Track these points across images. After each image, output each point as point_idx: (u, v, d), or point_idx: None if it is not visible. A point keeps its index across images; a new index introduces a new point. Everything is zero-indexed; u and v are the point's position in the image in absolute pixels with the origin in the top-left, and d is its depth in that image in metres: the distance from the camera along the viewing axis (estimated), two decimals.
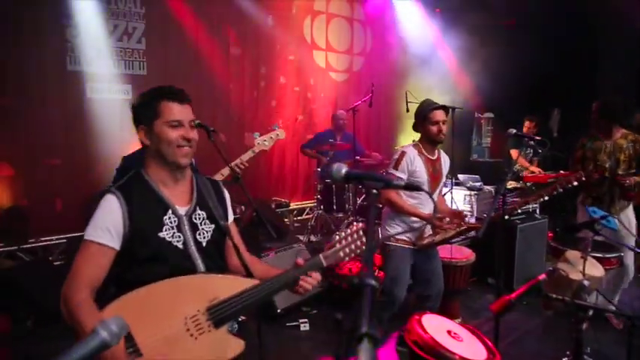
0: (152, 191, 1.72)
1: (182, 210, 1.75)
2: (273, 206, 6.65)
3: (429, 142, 3.29)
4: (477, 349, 2.18)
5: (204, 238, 1.78)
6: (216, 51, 6.37)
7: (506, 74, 7.86)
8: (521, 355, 3.67)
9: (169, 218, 1.71)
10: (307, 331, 3.98)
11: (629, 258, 3.95)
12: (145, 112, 1.73)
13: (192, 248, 1.74)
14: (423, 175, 3.21)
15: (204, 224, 1.79)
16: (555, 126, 8.65)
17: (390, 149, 7.62)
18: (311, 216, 6.48)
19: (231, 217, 1.94)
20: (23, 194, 4.85)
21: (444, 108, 3.28)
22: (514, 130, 3.32)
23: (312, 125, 7.78)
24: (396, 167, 3.20)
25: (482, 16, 7.76)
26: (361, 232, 1.83)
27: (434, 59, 9.29)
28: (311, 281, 1.79)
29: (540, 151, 6.21)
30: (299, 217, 7.42)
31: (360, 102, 5.92)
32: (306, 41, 7.73)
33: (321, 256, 1.82)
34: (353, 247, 1.83)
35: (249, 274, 1.82)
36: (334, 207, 5.97)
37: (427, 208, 3.27)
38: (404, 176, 3.16)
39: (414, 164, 3.19)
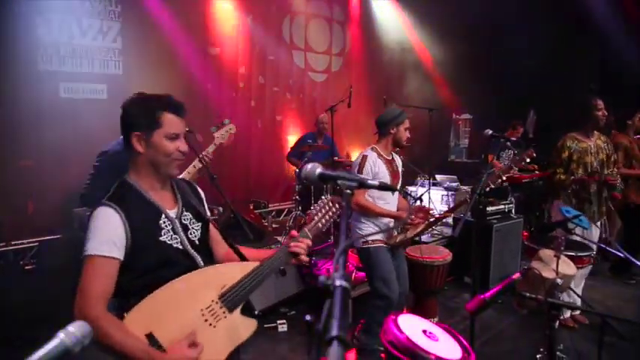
0: (143, 198, 1.74)
1: (172, 213, 1.79)
2: (251, 207, 6.61)
3: (395, 146, 3.48)
4: (453, 349, 2.19)
5: (195, 236, 1.83)
6: (194, 51, 6.30)
7: (484, 76, 7.98)
8: (496, 353, 3.72)
9: (164, 222, 1.75)
10: (285, 332, 3.96)
11: None
12: (143, 120, 1.71)
13: (189, 247, 1.79)
14: (386, 176, 3.37)
15: (193, 224, 1.85)
16: (531, 127, 8.81)
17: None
18: (289, 217, 6.45)
19: (208, 213, 1.98)
20: None
21: (429, 110, 3.42)
22: (490, 131, 3.38)
23: (291, 126, 7.77)
24: (360, 171, 3.32)
25: (459, 19, 7.86)
26: (331, 203, 2.02)
27: (412, 61, 9.38)
28: (302, 245, 1.90)
29: (516, 152, 6.32)
30: (277, 218, 7.39)
31: (338, 103, 5.93)
32: (285, 41, 7.71)
33: (306, 229, 1.99)
34: (327, 216, 2.03)
35: (241, 257, 1.94)
36: (312, 208, 5.96)
37: (391, 208, 3.44)
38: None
39: (376, 166, 3.35)
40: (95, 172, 3.09)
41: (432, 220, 3.40)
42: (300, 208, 6.12)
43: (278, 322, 4.01)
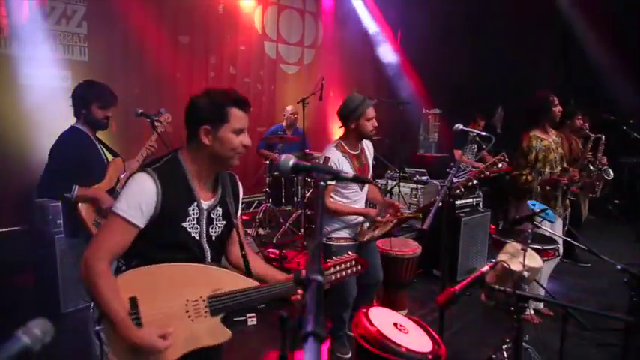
0: (185, 181, 1.79)
1: (205, 205, 1.84)
2: None
3: (359, 138, 3.25)
4: (423, 341, 2.21)
5: (214, 232, 1.89)
6: (163, 39, 6.16)
7: (453, 72, 8.09)
8: (464, 344, 3.78)
9: (193, 210, 1.80)
10: (255, 325, 3.93)
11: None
12: (212, 114, 1.77)
13: (204, 240, 1.85)
14: (350, 175, 3.19)
15: (218, 220, 1.91)
16: (499, 123, 8.97)
17: None
18: (259, 209, 6.41)
19: (239, 212, 2.04)
20: None
21: (399, 104, 3.32)
22: (460, 126, 3.40)
23: (262, 117, 7.70)
24: None
25: (430, 15, 7.93)
26: (354, 262, 2.02)
27: (384, 55, 9.43)
28: (300, 298, 1.85)
29: (485, 147, 6.43)
30: (247, 211, 7.33)
31: (309, 95, 5.90)
32: (257, 32, 7.62)
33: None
34: (344, 273, 2.00)
35: (247, 270, 1.97)
36: (282, 200, 5.94)
37: (358, 204, 3.31)
38: (332, 183, 3.10)
39: (340, 165, 3.13)
40: (52, 162, 2.99)
41: (401, 217, 3.27)
42: (270, 200, 6.08)
43: (247, 315, 3.97)
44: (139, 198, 1.69)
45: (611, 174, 5.09)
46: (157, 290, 1.70)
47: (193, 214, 1.80)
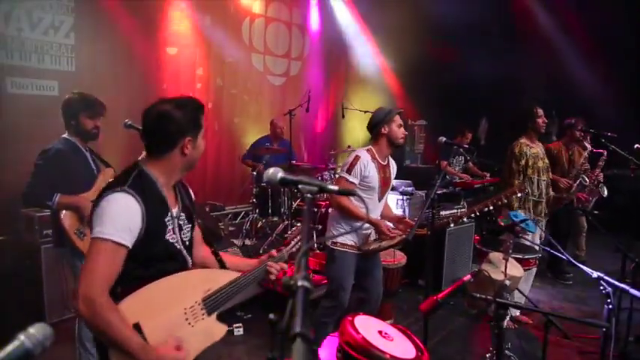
0: (159, 194, 1.79)
1: (174, 212, 1.85)
2: (207, 209, 6.53)
3: (390, 145, 3.31)
4: (407, 348, 2.25)
5: (186, 237, 1.92)
6: (150, 50, 6.19)
7: (439, 84, 8.23)
8: (448, 352, 3.83)
9: (169, 220, 1.81)
10: (241, 335, 3.94)
11: None
12: (192, 124, 1.81)
13: (182, 247, 1.87)
14: (374, 181, 3.21)
15: (185, 224, 1.92)
16: (483, 134, 9.14)
17: (325, 154, 7.71)
18: (246, 220, 6.42)
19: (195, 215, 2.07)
20: None
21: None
22: (444, 138, 3.48)
23: (249, 128, 7.74)
24: (349, 171, 3.16)
25: (416, 28, 8.07)
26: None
27: (370, 67, 9.55)
28: (277, 267, 2.07)
29: (469, 158, 6.56)
30: (234, 221, 7.34)
31: (296, 107, 5.96)
32: (244, 43, 7.68)
33: (284, 250, 2.17)
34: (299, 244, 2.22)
35: (222, 265, 2.07)
36: (269, 211, 5.97)
37: (373, 214, 3.30)
38: (356, 181, 3.15)
39: (367, 169, 3.17)
40: (37, 170, 3.01)
41: (409, 235, 3.14)
42: (257, 211, 6.10)
43: (234, 325, 3.98)
44: (126, 219, 1.65)
45: (606, 192, 5.23)
46: (156, 309, 1.70)
47: (170, 224, 1.81)
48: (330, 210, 3.57)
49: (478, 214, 3.27)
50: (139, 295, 1.67)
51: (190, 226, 1.95)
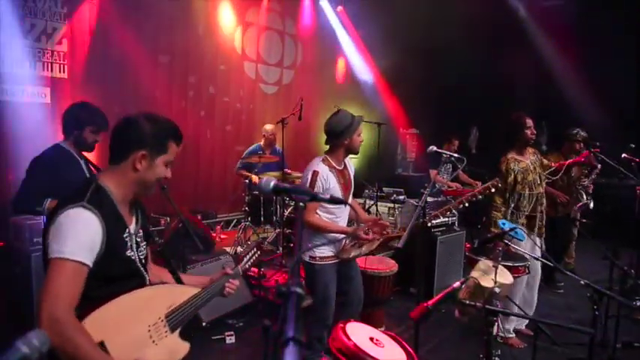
0: (115, 209, 1.73)
1: (132, 229, 1.80)
2: (199, 217, 6.52)
3: (347, 153, 3.32)
4: (398, 355, 2.28)
5: (142, 255, 1.86)
6: (143, 58, 6.20)
7: (430, 94, 8.31)
8: (439, 359, 3.85)
9: (127, 236, 1.76)
10: (233, 343, 3.94)
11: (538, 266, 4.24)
12: (155, 141, 1.75)
13: (140, 265, 1.82)
14: (337, 191, 3.22)
15: (142, 241, 1.88)
16: (474, 143, 9.23)
17: None
18: (238, 228, 6.42)
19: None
20: None
21: (377, 124, 3.38)
22: (434, 147, 3.53)
23: (241, 136, 7.76)
24: (311, 188, 3.11)
25: (406, 38, 8.16)
26: (256, 248, 2.38)
27: (362, 76, 9.63)
28: (232, 287, 2.16)
29: (459, 167, 6.62)
30: (226, 229, 7.33)
31: (288, 115, 5.98)
32: (236, 52, 7.72)
33: (239, 267, 2.26)
34: (254, 259, 2.36)
35: (179, 281, 2.08)
36: (262, 219, 5.97)
37: (343, 221, 3.34)
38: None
39: (327, 182, 3.17)
40: (27, 178, 3.01)
41: (387, 235, 3.27)
42: (249, 218, 6.11)
43: (226, 333, 3.97)
44: (87, 236, 1.59)
45: (592, 205, 5.24)
46: (119, 327, 1.65)
47: (128, 240, 1.76)
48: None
49: (455, 211, 3.32)
50: (102, 312, 1.61)
51: (145, 243, 1.91)
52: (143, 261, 1.86)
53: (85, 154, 3.28)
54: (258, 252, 2.39)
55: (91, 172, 3.22)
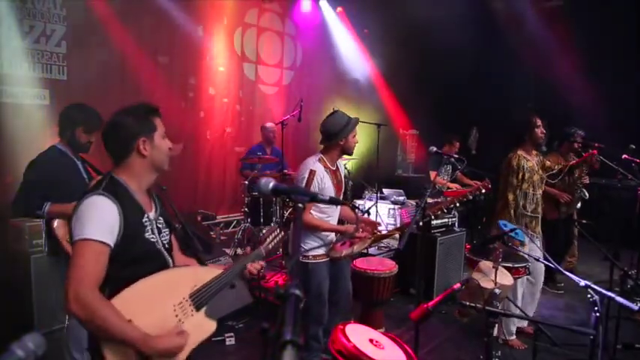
0: (131, 196, 1.84)
1: (151, 215, 1.92)
2: (199, 219, 6.51)
3: (342, 153, 3.38)
4: (398, 356, 2.27)
5: (165, 240, 1.97)
6: (142, 59, 6.19)
7: (430, 94, 8.31)
8: None
9: (146, 221, 1.86)
10: (233, 345, 3.93)
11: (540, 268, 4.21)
12: (144, 126, 1.87)
13: (162, 248, 1.92)
14: (331, 191, 3.27)
15: (164, 228, 1.99)
16: (474, 144, 9.22)
17: None
18: (238, 229, 6.41)
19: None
20: None
21: (377, 125, 3.41)
22: (434, 148, 3.52)
23: (241, 138, 7.75)
24: (307, 187, 3.19)
25: (407, 39, 8.16)
26: (278, 230, 2.32)
27: (362, 77, 9.62)
28: (256, 266, 2.16)
29: (459, 168, 6.61)
30: (226, 230, 7.32)
31: (288, 116, 5.98)
32: (236, 53, 7.72)
33: (261, 248, 2.23)
34: (277, 240, 2.30)
35: (202, 263, 2.14)
36: (261, 220, 5.96)
37: (334, 220, 3.42)
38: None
39: (323, 181, 3.23)
40: (26, 180, 3.01)
41: (379, 235, 3.36)
42: (248, 220, 6.10)
43: (226, 335, 3.97)
44: (105, 218, 1.70)
45: (587, 194, 5.23)
46: (146, 307, 1.73)
47: (148, 224, 1.86)
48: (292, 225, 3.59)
49: (445, 210, 3.51)
50: (127, 294, 1.70)
51: (168, 230, 2.03)
52: (167, 246, 1.96)
53: (86, 156, 3.28)
54: (282, 233, 2.33)
55: (89, 173, 3.21)
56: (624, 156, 4.62)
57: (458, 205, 3.43)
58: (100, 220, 1.69)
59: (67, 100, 3.27)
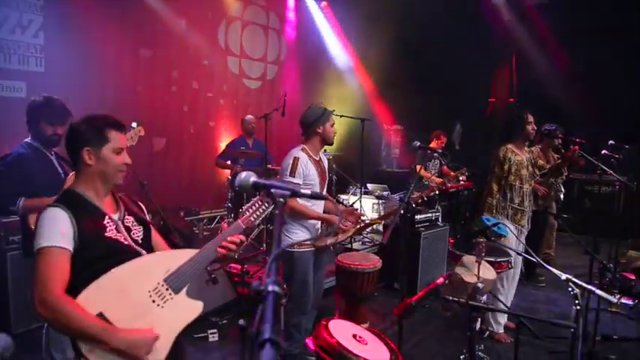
0: (88, 202, 1.89)
1: (115, 216, 1.95)
2: (182, 214, 6.45)
3: (322, 143, 3.48)
4: (381, 352, 2.26)
5: (138, 236, 2.00)
6: (124, 51, 6.08)
7: (414, 89, 8.32)
8: (423, 355, 3.86)
9: (107, 222, 1.90)
10: (216, 341, 3.90)
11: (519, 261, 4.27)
12: (93, 136, 1.88)
13: (132, 242, 1.94)
14: (315, 178, 3.35)
15: (135, 226, 2.01)
16: (457, 139, 9.26)
17: None
18: (221, 224, 6.36)
19: (148, 219, 2.15)
20: None
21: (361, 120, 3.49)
22: (418, 143, 3.52)
23: (224, 132, 7.68)
24: (292, 174, 3.27)
25: (392, 35, 8.16)
26: (261, 201, 2.07)
27: (347, 72, 9.60)
28: (232, 243, 2.00)
29: (443, 162, 6.64)
30: (209, 226, 7.26)
31: (272, 111, 5.93)
32: (220, 47, 7.63)
33: (239, 220, 2.06)
34: (259, 212, 2.08)
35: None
36: None
37: (319, 208, 3.44)
38: (300, 182, 3.26)
39: (307, 168, 3.31)
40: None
41: (362, 224, 3.45)
42: (232, 215, 6.05)
43: (209, 331, 3.93)
44: (57, 226, 1.75)
45: (562, 189, 5.31)
46: (117, 296, 1.74)
47: (110, 224, 1.90)
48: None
49: (426, 199, 3.71)
50: (95, 286, 1.71)
51: (142, 227, 2.05)
52: (139, 241, 1.98)
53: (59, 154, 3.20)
54: (264, 204, 2.06)
55: (62, 167, 3.15)
56: (604, 152, 4.69)
57: (437, 193, 3.50)
58: (52, 229, 1.74)
59: (45, 93, 3.19)
